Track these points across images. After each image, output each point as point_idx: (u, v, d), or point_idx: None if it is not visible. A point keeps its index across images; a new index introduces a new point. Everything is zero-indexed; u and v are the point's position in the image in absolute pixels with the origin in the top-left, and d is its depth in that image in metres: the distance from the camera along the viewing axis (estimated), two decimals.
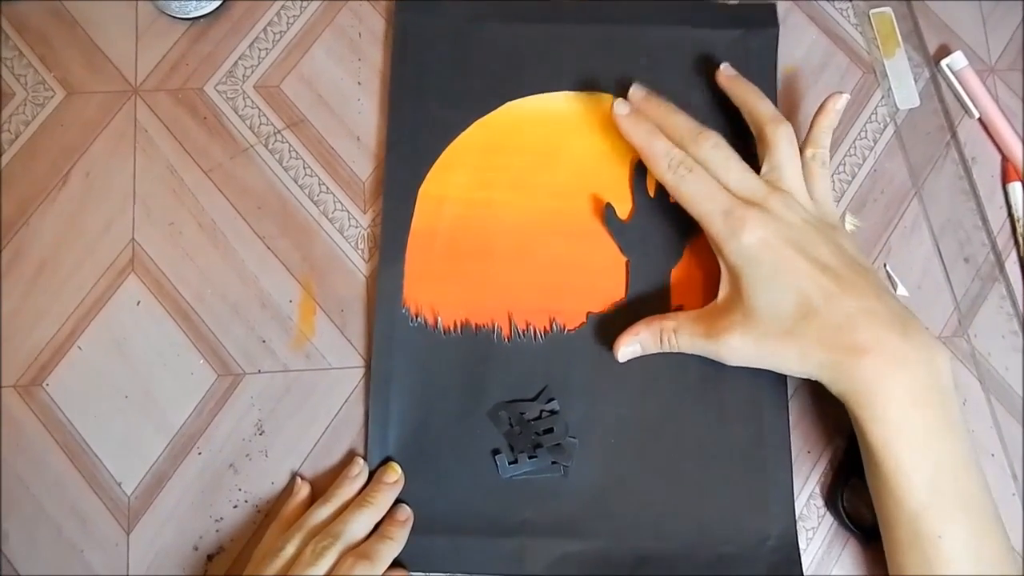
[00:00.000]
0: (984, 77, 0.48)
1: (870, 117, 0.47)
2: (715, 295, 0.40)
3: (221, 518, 0.41)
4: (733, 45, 0.46)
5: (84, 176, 0.44)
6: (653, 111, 0.42)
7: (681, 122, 0.41)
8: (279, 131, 0.45)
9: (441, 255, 0.43)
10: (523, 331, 0.43)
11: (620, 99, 0.42)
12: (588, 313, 0.43)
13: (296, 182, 0.45)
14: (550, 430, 0.41)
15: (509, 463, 0.41)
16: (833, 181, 0.46)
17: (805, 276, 0.36)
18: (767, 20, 0.47)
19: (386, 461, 0.41)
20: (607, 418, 0.42)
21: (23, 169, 0.44)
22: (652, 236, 0.44)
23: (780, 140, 0.40)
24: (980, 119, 0.47)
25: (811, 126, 0.42)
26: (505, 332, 0.43)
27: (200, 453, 0.41)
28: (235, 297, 0.43)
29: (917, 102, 0.47)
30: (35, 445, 0.41)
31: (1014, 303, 0.45)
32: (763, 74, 0.46)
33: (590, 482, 0.41)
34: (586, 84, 0.46)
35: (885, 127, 0.47)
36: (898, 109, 0.47)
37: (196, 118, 0.45)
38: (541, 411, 0.42)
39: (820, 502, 0.42)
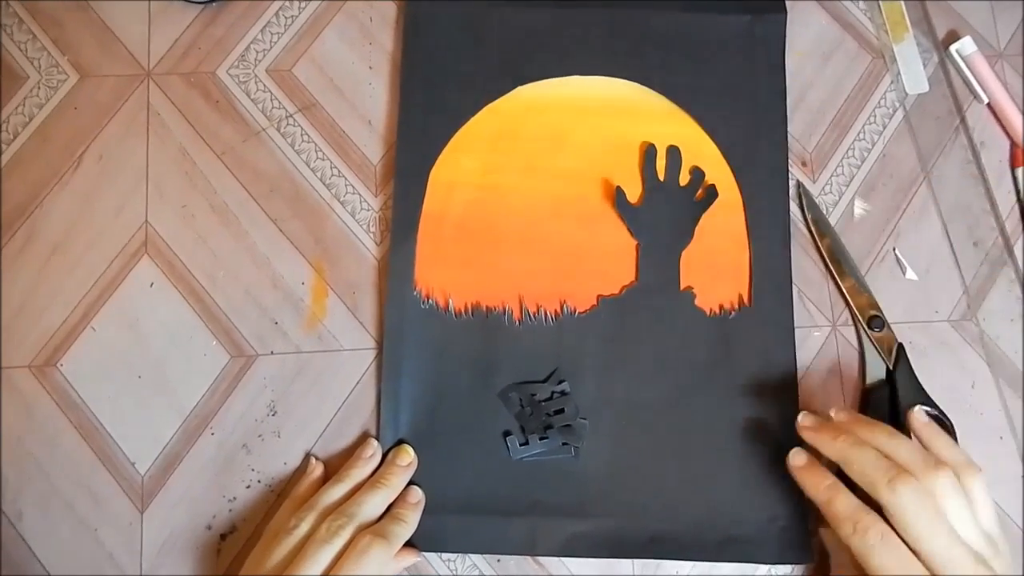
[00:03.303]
0: (993, 62, 0.48)
1: (879, 102, 0.47)
2: (724, 275, 0.41)
3: (234, 498, 0.41)
4: (741, 31, 0.47)
5: (97, 159, 0.44)
6: (858, 429, 0.37)
7: (903, 449, 0.35)
8: (291, 115, 0.45)
9: (452, 238, 0.44)
10: (534, 314, 0.43)
11: (797, 449, 0.38)
12: (599, 296, 0.43)
13: (308, 165, 0.45)
14: (561, 411, 0.42)
15: (520, 445, 0.41)
16: (843, 165, 0.46)
17: None
18: (775, 6, 0.47)
19: (400, 443, 0.41)
20: (617, 400, 0.42)
21: (37, 152, 0.44)
22: (662, 219, 0.44)
23: (978, 490, 0.35)
24: (989, 104, 0.47)
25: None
26: (516, 314, 0.43)
27: (213, 434, 0.41)
28: (247, 279, 0.43)
29: (926, 87, 0.47)
30: (49, 425, 0.41)
31: (1023, 287, 0.45)
32: (771, 61, 0.46)
33: (600, 463, 0.42)
34: (596, 68, 0.46)
35: (894, 112, 0.47)
36: (907, 94, 0.47)
37: (208, 101, 0.45)
38: (552, 392, 0.42)
39: None
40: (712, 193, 0.44)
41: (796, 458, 0.38)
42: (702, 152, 0.45)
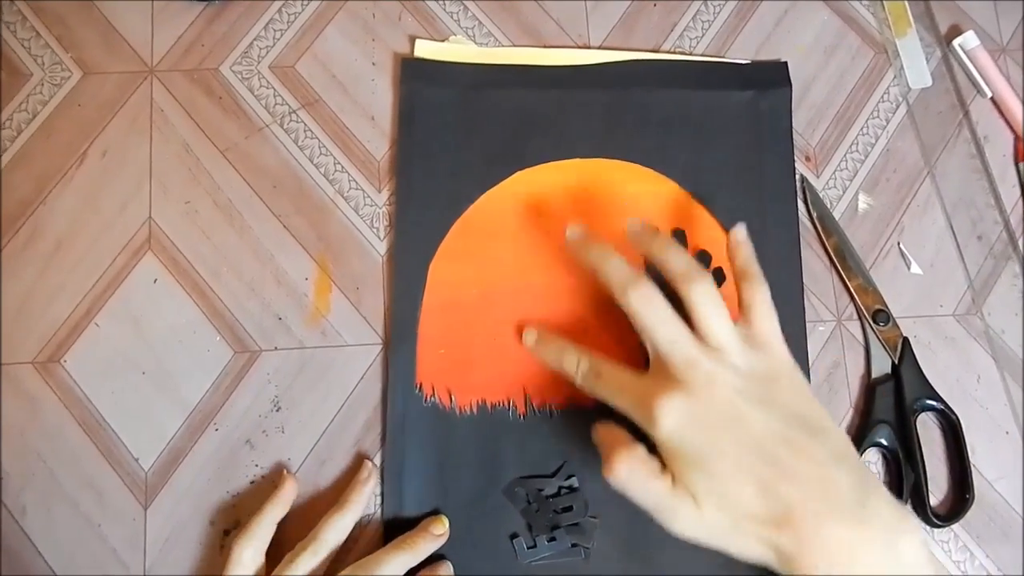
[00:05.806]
0: (996, 56, 0.48)
1: (882, 97, 0.47)
2: None
3: (238, 493, 0.41)
4: (745, 107, 0.45)
5: (101, 155, 0.44)
6: (647, 246, 0.38)
7: (672, 259, 0.36)
8: (294, 111, 0.45)
9: (454, 332, 0.42)
10: (539, 408, 0.42)
11: (573, 225, 0.39)
12: None
13: (311, 161, 0.45)
14: (569, 508, 0.40)
15: (528, 548, 0.40)
16: (846, 160, 0.46)
17: (732, 465, 0.32)
18: (779, 80, 0.46)
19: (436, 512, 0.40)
20: None
21: (40, 148, 0.44)
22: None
23: (695, 298, 0.35)
24: (992, 98, 0.47)
25: (732, 264, 0.38)
26: (520, 410, 0.42)
27: (217, 429, 0.41)
28: (251, 275, 0.43)
29: (929, 82, 0.47)
30: (53, 421, 0.41)
31: None
32: (777, 136, 0.45)
33: (613, 565, 0.40)
34: (596, 150, 0.45)
35: (897, 107, 0.47)
36: (910, 89, 0.47)
37: (212, 98, 0.45)
38: (560, 488, 0.41)
39: None
40: (719, 277, 0.43)
41: (571, 231, 0.39)
42: (707, 235, 0.44)
